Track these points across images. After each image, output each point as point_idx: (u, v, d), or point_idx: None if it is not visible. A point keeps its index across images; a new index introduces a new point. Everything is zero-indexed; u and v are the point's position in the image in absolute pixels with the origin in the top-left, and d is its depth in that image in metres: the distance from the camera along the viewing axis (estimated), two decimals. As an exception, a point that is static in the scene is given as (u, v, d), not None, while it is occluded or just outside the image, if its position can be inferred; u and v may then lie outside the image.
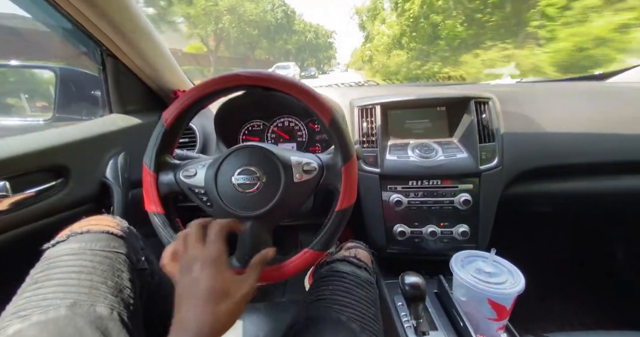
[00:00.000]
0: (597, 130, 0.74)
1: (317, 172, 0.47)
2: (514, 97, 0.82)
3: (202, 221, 0.42)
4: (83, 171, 0.64)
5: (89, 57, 0.76)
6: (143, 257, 0.52)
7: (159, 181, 0.50)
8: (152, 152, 0.49)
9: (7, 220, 0.51)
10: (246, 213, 0.46)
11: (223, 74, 0.48)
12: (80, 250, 0.44)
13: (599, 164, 0.75)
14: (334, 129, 0.46)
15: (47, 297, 0.38)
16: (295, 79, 0.48)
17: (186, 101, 0.49)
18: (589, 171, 0.77)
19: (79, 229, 0.47)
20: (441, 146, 0.78)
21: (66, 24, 0.64)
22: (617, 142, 0.74)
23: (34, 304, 0.37)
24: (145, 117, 0.84)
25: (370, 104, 0.82)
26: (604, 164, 0.75)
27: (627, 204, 0.87)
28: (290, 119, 0.97)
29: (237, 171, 0.47)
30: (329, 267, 0.55)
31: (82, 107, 0.83)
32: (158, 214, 0.49)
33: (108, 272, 0.43)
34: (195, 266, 0.36)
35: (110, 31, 0.65)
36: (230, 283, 0.36)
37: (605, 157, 0.74)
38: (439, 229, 0.74)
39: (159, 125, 0.50)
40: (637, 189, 0.78)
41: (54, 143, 0.59)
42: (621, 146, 0.73)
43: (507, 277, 0.57)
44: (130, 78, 0.80)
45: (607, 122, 0.75)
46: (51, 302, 0.37)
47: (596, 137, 0.74)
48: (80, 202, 0.64)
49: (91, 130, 0.69)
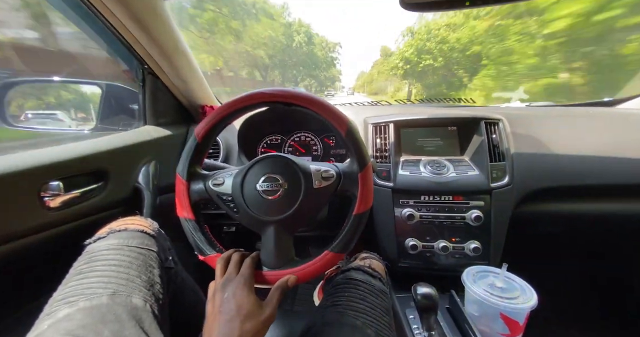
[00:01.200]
0: (607, 154, 0.76)
1: (335, 179, 0.51)
2: (523, 119, 0.86)
3: (241, 253, 0.51)
4: (120, 176, 0.70)
5: (131, 75, 0.85)
6: (170, 257, 0.56)
7: (191, 189, 0.53)
8: (185, 163, 0.53)
9: (57, 216, 0.57)
10: (269, 218, 0.49)
11: (249, 92, 0.52)
12: (118, 246, 0.48)
13: (608, 186, 0.76)
14: (350, 139, 0.50)
15: (91, 286, 0.41)
16: (313, 95, 0.52)
17: (216, 117, 0.53)
18: (597, 193, 0.78)
19: (117, 227, 0.52)
20: (452, 163, 0.81)
21: (115, 45, 0.73)
22: (627, 166, 0.75)
23: (79, 292, 0.41)
24: (174, 129, 0.91)
25: (383, 122, 0.87)
26: (613, 186, 0.76)
27: (636, 227, 0.87)
28: (307, 134, 1.03)
29: (262, 178, 0.50)
30: (344, 275, 0.57)
31: (120, 119, 0.91)
32: (189, 219, 0.52)
33: (142, 267, 0.47)
34: (229, 287, 0.43)
35: (155, 51, 0.73)
36: (255, 307, 0.41)
37: (614, 179, 0.75)
38: (450, 244, 0.75)
39: (192, 139, 0.54)
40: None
41: (98, 150, 0.65)
42: (631, 170, 0.75)
43: (520, 293, 0.58)
44: (165, 94, 0.88)
45: (617, 147, 0.77)
46: (94, 291, 0.41)
47: (606, 160, 0.76)
48: (116, 204, 0.69)
49: (128, 139, 0.75)
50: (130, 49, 0.71)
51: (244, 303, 0.41)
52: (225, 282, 0.44)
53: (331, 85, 45.46)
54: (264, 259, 0.50)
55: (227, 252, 0.51)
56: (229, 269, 0.47)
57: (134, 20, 0.63)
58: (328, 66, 40.56)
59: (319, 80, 38.09)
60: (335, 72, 46.22)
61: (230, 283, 0.44)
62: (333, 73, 45.05)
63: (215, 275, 0.47)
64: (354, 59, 72.49)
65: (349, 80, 65.84)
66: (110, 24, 0.65)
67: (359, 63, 78.60)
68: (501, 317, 0.56)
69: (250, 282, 0.45)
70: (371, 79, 35.74)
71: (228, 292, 0.42)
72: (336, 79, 48.87)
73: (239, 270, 0.47)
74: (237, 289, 0.42)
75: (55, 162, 0.56)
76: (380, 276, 0.60)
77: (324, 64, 38.52)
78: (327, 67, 40.66)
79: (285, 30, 31.42)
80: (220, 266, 0.48)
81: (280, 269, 0.49)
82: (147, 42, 0.69)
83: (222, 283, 0.44)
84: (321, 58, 37.55)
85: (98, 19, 0.64)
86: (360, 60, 55.47)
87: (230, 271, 0.46)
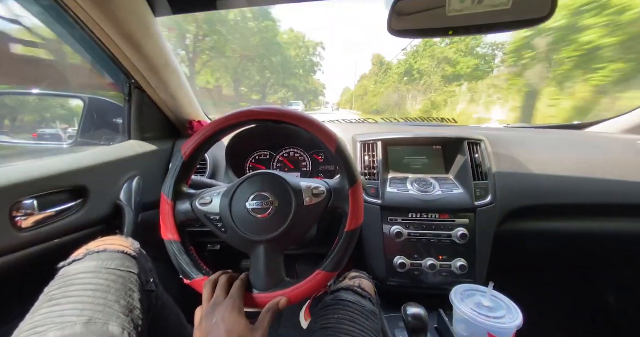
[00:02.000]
0: (580, 174, 0.81)
1: (325, 196, 0.51)
2: (503, 140, 0.90)
3: (229, 275, 0.49)
4: (100, 193, 0.67)
5: (117, 88, 0.83)
6: (152, 279, 0.53)
7: (176, 210, 0.51)
8: (170, 183, 0.51)
9: (29, 237, 0.53)
10: (259, 237, 0.48)
11: (238, 110, 0.52)
12: (96, 268, 0.45)
13: (583, 205, 0.80)
14: (340, 156, 0.50)
15: (64, 314, 0.38)
16: (303, 113, 0.53)
17: (204, 135, 0.52)
18: (574, 211, 0.82)
19: (95, 248, 0.49)
20: (438, 182, 0.83)
21: (102, 59, 0.72)
22: (597, 187, 0.80)
23: (50, 321, 0.37)
24: (160, 144, 0.89)
25: (372, 140, 0.89)
26: (588, 206, 0.80)
27: (615, 246, 0.91)
28: (296, 150, 1.03)
29: (252, 196, 0.49)
30: (334, 296, 0.56)
31: (103, 133, 0.89)
32: (174, 241, 0.50)
33: (121, 292, 0.44)
34: (218, 311, 0.41)
35: (143, 67, 0.72)
36: (247, 329, 0.40)
37: (588, 199, 0.80)
38: (438, 262, 0.76)
39: (178, 157, 0.53)
40: (621, 232, 0.83)
41: (77, 165, 0.63)
42: (601, 190, 0.80)
43: (506, 312, 0.59)
44: (152, 108, 0.87)
45: (588, 168, 0.82)
46: (67, 320, 0.38)
47: (579, 181, 0.81)
48: (95, 223, 0.66)
49: (110, 154, 0.73)
50: (117, 63, 0.71)
51: (234, 328, 0.39)
52: (213, 306, 0.42)
53: (314, 100, 36.33)
54: (254, 281, 0.49)
55: (215, 275, 0.49)
56: (217, 292, 0.45)
57: (124, 37, 0.63)
58: (307, 73, 28.39)
59: (298, 93, 27.99)
60: (317, 84, 35.36)
61: (218, 307, 0.42)
62: (315, 85, 34.20)
63: (203, 299, 0.45)
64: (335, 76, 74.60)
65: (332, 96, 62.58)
66: (99, 39, 0.64)
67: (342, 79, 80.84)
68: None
69: (240, 305, 0.43)
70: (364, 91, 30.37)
71: (217, 317, 0.40)
72: (319, 92, 38.51)
73: (227, 293, 0.45)
74: (226, 313, 0.40)
75: (30, 179, 0.52)
76: (370, 297, 0.59)
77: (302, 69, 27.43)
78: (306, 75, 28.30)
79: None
80: (208, 290, 0.46)
81: (270, 291, 0.47)
82: (136, 58, 0.68)
83: (210, 308, 0.42)
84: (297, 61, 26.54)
85: (86, 34, 0.63)
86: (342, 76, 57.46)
87: (218, 294, 0.44)
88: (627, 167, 0.82)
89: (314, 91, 34.50)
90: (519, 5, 0.60)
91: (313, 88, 33.37)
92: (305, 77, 28.71)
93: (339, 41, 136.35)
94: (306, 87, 29.58)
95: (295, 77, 27.12)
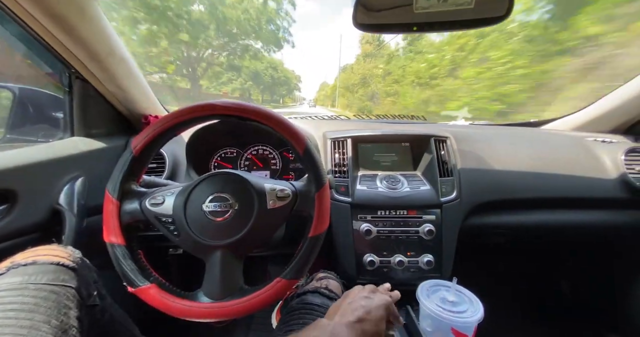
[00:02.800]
0: (535, 170, 0.86)
1: (290, 199, 0.48)
2: (467, 137, 0.93)
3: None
4: (33, 196, 0.58)
5: (54, 78, 0.73)
6: (95, 292, 0.48)
7: (122, 210, 0.47)
8: (116, 180, 0.47)
9: None
10: (216, 242, 0.45)
11: (199, 102, 0.49)
12: (21, 285, 0.39)
13: (540, 199, 0.85)
14: (307, 158, 0.48)
15: None
16: (270, 110, 0.50)
17: (159, 128, 0.48)
18: (531, 205, 0.87)
19: (22, 260, 0.43)
20: (406, 178, 0.83)
21: (34, 45, 0.63)
22: (552, 181, 0.85)
23: None
24: (110, 141, 0.81)
25: (342, 137, 0.88)
26: (544, 199, 0.85)
27: (566, 236, 0.98)
28: (265, 148, 0.99)
29: (209, 198, 0.46)
30: (300, 299, 0.54)
31: (39, 129, 0.78)
32: (118, 245, 0.46)
33: (53, 310, 0.39)
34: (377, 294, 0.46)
35: (83, 55, 0.64)
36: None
37: (543, 193, 0.84)
38: (406, 258, 0.77)
39: (127, 152, 0.48)
40: (571, 223, 0.89)
41: (1, 166, 0.54)
42: (556, 185, 0.85)
43: (468, 306, 0.60)
44: (99, 101, 0.78)
45: (544, 163, 0.87)
46: None
47: (535, 176, 0.85)
48: (26, 231, 0.57)
49: (47, 152, 0.64)
50: (51, 50, 0.61)
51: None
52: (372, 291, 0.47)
53: (288, 95, 28.19)
54: (207, 289, 0.45)
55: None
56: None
57: (54, 19, 0.54)
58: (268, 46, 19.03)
59: (260, 82, 19.24)
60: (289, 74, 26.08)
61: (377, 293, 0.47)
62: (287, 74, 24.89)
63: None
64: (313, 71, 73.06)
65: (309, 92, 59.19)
66: (25, 24, 0.55)
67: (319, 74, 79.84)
68: (452, 332, 0.57)
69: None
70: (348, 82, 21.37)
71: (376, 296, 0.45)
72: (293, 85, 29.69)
73: None
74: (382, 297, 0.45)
75: None
76: (337, 298, 0.58)
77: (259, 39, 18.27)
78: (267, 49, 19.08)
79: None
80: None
81: (224, 300, 0.44)
82: (72, 44, 0.60)
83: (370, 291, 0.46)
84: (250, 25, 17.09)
85: (9, 16, 0.54)
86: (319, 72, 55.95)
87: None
88: (575, 163, 0.88)
89: (285, 82, 25.17)
90: (480, 4, 0.61)
91: (284, 77, 24.10)
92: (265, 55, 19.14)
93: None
94: (273, 75, 20.27)
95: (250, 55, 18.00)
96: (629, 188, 0.83)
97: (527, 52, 4.10)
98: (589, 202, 0.86)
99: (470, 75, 5.18)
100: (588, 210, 0.88)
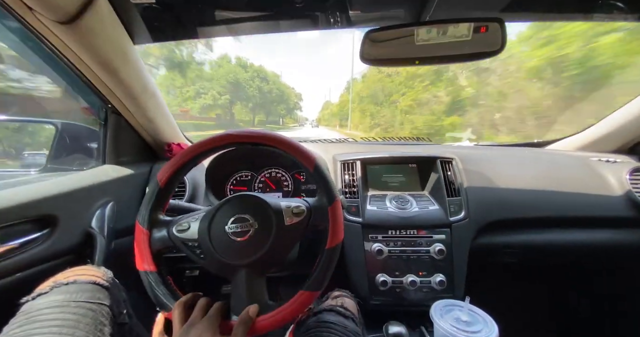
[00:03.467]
0: (542, 189, 0.87)
1: (305, 214, 0.51)
2: (473, 157, 0.96)
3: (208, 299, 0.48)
4: (70, 221, 0.64)
5: (91, 112, 0.82)
6: (125, 311, 0.51)
7: (152, 238, 0.50)
8: (145, 211, 0.50)
9: None
10: (240, 261, 0.48)
11: (215, 134, 0.53)
12: (64, 302, 0.43)
13: (545, 218, 0.86)
14: (317, 174, 0.51)
15: None
16: (279, 134, 0.54)
17: (180, 161, 0.52)
18: (538, 224, 0.88)
19: (64, 279, 0.47)
20: (415, 198, 0.86)
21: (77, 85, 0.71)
22: (558, 200, 0.86)
23: None
24: (137, 168, 0.87)
25: (351, 159, 0.92)
26: (551, 218, 0.86)
27: (575, 256, 0.97)
28: (277, 170, 1.04)
29: (231, 219, 0.49)
30: (316, 317, 0.56)
31: (75, 159, 0.85)
32: (151, 272, 0.48)
33: (91, 326, 0.42)
34: (193, 332, 0.39)
35: (120, 92, 0.72)
36: None
37: (550, 212, 0.85)
38: (418, 278, 0.77)
39: (154, 184, 0.52)
40: (579, 242, 0.89)
41: (45, 193, 0.60)
42: (562, 203, 0.86)
43: (482, 326, 0.60)
44: (129, 132, 0.85)
45: (549, 183, 0.89)
46: None
47: (542, 194, 0.87)
48: (64, 252, 0.62)
49: (82, 180, 0.70)
50: (94, 89, 0.70)
51: None
52: (188, 327, 0.41)
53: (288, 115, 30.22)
54: (235, 306, 0.47)
55: (185, 297, 0.47)
56: (194, 313, 0.43)
57: (101, 65, 0.63)
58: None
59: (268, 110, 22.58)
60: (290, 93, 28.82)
61: (194, 328, 0.40)
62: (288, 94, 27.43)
63: (174, 321, 0.43)
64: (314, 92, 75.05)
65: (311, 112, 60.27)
66: (74, 67, 0.64)
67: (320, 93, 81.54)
68: (469, 353, 0.57)
69: (216, 327, 0.41)
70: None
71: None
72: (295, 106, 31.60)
73: (204, 314, 0.43)
74: (202, 334, 0.39)
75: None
76: (353, 316, 0.59)
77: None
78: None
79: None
80: (179, 311, 0.44)
81: None
82: (113, 83, 0.68)
83: (185, 328, 0.41)
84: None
85: (61, 61, 0.63)
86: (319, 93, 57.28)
87: (196, 315, 0.43)
88: (581, 182, 0.89)
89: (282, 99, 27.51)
90: (476, 38, 0.67)
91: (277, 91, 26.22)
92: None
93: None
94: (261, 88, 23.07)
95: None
96: (635, 206, 0.84)
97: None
98: (597, 221, 0.86)
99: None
100: (596, 229, 0.88)
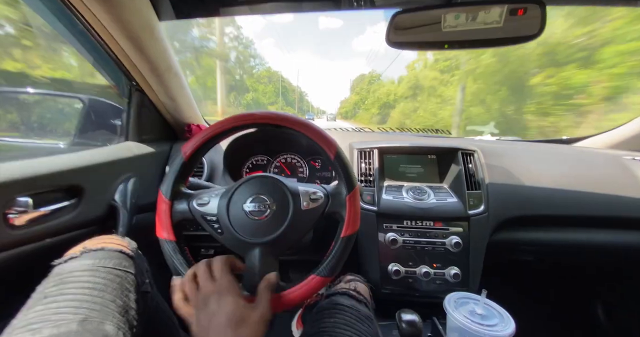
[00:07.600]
0: (569, 187, 0.84)
1: (323, 201, 0.51)
2: (495, 152, 0.93)
3: (206, 260, 0.48)
4: (95, 193, 0.66)
5: (117, 89, 0.83)
6: (147, 280, 0.52)
7: (173, 209, 0.51)
8: (170, 181, 0.51)
9: (22, 236, 0.52)
10: (256, 240, 0.48)
11: (240, 113, 0.53)
12: (93, 266, 0.45)
13: (571, 217, 0.83)
14: (338, 162, 0.51)
15: (60, 311, 0.38)
16: (303, 118, 0.54)
17: (206, 136, 0.53)
18: (562, 223, 0.85)
19: (93, 246, 0.48)
20: (433, 190, 0.84)
21: (104, 60, 0.73)
22: (586, 198, 0.82)
23: (45, 318, 0.37)
24: (157, 146, 0.89)
25: (368, 148, 0.91)
26: (575, 217, 0.83)
27: (600, 257, 0.94)
28: (293, 156, 1.04)
29: (249, 199, 0.50)
30: (329, 299, 0.56)
31: (100, 134, 0.88)
32: (169, 241, 0.50)
33: (118, 291, 0.44)
34: (211, 300, 0.40)
35: (146, 69, 0.73)
36: (245, 310, 0.39)
37: (574, 211, 0.82)
38: (432, 270, 0.77)
39: (178, 157, 0.53)
40: (606, 243, 0.85)
41: (73, 164, 0.62)
42: (590, 202, 0.82)
43: (498, 321, 0.59)
44: (151, 110, 0.87)
45: (575, 181, 0.85)
46: (63, 317, 0.37)
47: (568, 192, 0.83)
48: (89, 223, 0.65)
49: (107, 155, 0.72)
50: (120, 65, 0.71)
51: (234, 310, 0.39)
52: (204, 297, 0.41)
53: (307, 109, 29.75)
54: (248, 283, 0.48)
55: (190, 271, 0.47)
56: (201, 283, 0.44)
57: (128, 39, 0.64)
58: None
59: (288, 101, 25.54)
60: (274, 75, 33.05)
61: (210, 296, 0.41)
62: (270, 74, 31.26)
63: (189, 295, 0.44)
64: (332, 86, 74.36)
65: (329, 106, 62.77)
66: (103, 40, 0.65)
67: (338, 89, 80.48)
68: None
69: (232, 286, 0.42)
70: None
71: (212, 306, 0.40)
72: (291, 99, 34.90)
73: (213, 279, 0.44)
74: (220, 299, 0.40)
75: (24, 177, 0.52)
76: (366, 301, 0.59)
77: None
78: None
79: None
80: (190, 285, 0.44)
81: None
82: (139, 60, 0.69)
83: (202, 299, 0.41)
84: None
85: (90, 34, 0.64)
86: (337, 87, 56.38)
87: (204, 284, 0.43)
88: (612, 181, 0.85)
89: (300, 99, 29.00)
90: (510, 22, 0.63)
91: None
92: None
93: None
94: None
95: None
96: (672, 209, 0.79)
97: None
98: (627, 222, 0.82)
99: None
100: (625, 230, 0.84)
